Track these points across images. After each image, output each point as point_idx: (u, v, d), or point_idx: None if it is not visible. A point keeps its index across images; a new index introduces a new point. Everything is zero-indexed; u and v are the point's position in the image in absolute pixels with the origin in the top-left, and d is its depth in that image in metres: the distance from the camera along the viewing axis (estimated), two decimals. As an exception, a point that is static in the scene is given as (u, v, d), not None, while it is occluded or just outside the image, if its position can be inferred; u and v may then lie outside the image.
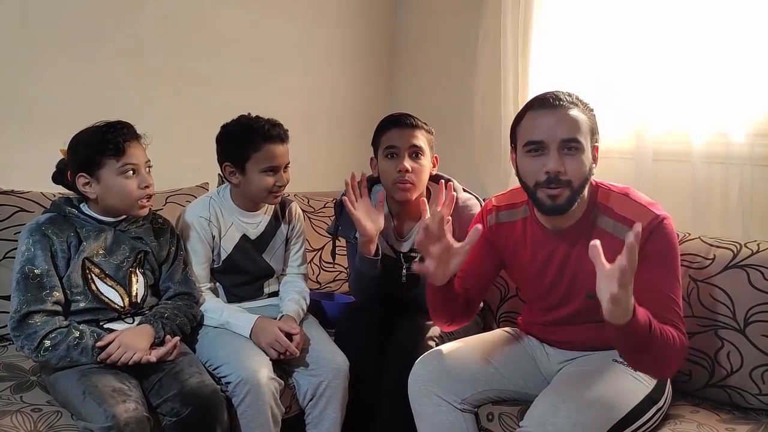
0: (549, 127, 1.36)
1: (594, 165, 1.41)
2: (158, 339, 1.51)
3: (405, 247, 1.83)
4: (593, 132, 1.40)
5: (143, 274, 1.59)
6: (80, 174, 1.50)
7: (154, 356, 1.44)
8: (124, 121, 1.54)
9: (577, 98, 1.41)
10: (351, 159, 2.38)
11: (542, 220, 1.48)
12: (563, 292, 1.49)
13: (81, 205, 1.54)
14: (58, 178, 1.56)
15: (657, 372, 1.39)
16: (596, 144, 1.42)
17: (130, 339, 1.44)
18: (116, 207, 1.53)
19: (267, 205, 1.83)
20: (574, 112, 1.37)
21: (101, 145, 1.48)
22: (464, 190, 1.86)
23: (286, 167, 1.75)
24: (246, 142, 1.70)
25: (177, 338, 1.51)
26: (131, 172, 1.50)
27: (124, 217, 1.57)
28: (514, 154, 1.47)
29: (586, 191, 1.41)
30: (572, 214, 1.42)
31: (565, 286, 1.48)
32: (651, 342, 1.24)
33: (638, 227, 1.11)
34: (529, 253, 1.52)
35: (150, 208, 1.60)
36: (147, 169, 1.55)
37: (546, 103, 1.38)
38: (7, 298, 1.68)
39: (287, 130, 1.75)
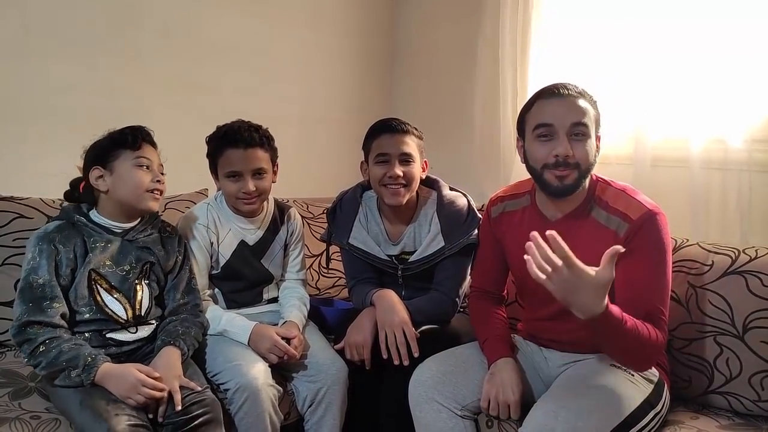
0: (558, 113, 1.43)
1: (597, 153, 1.48)
2: (185, 357, 1.52)
3: (396, 251, 1.84)
4: (597, 122, 1.48)
5: (148, 285, 1.58)
6: (95, 167, 1.51)
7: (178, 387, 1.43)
8: (144, 126, 1.57)
9: (584, 90, 1.48)
10: (350, 165, 2.38)
11: (542, 207, 1.54)
12: None
13: (90, 213, 1.54)
14: (71, 195, 1.57)
15: (632, 364, 1.42)
16: (599, 134, 1.49)
17: (165, 374, 1.42)
18: (126, 199, 1.52)
19: (264, 210, 1.83)
20: (581, 101, 1.45)
21: (119, 137, 1.52)
22: (450, 189, 1.87)
23: (258, 174, 1.70)
24: (214, 147, 1.71)
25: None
26: (145, 166, 1.52)
27: (132, 225, 1.56)
28: (521, 141, 1.54)
29: (587, 182, 1.48)
30: (571, 201, 1.48)
31: None
32: (622, 338, 1.29)
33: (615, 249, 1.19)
34: (525, 239, 1.54)
35: (160, 209, 1.62)
36: (160, 172, 1.58)
37: (555, 92, 1.46)
38: (7, 304, 1.69)
39: (262, 136, 1.70)
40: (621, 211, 1.44)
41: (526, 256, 1.20)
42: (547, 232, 1.18)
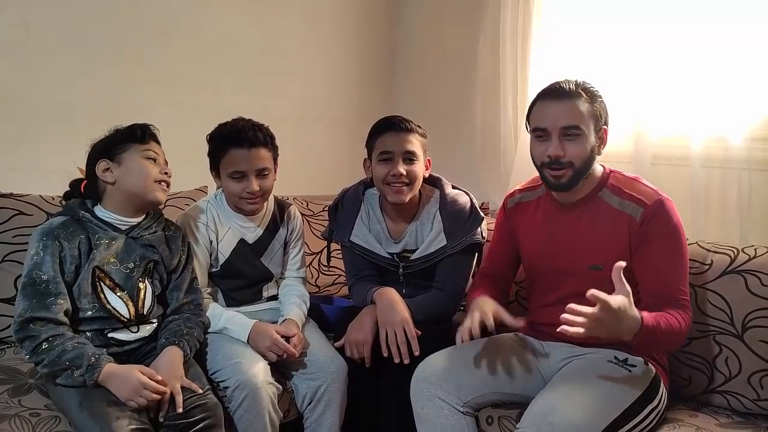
0: (552, 116, 1.50)
1: (602, 147, 1.53)
2: (187, 357, 1.51)
3: (398, 249, 1.84)
4: (598, 118, 1.51)
5: (151, 283, 1.57)
6: (102, 160, 1.51)
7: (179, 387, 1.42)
8: (151, 124, 1.58)
9: (584, 87, 1.52)
10: (350, 163, 2.39)
11: (555, 194, 1.59)
12: (567, 264, 1.55)
13: (95, 209, 1.53)
14: (71, 196, 1.57)
15: (668, 351, 1.55)
16: (604, 127, 1.54)
17: (167, 374, 1.41)
18: (135, 190, 1.51)
19: (265, 209, 1.82)
20: (577, 103, 1.49)
21: (127, 131, 1.54)
22: (453, 187, 1.88)
23: (261, 174, 1.70)
24: (216, 146, 1.71)
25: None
26: (153, 159, 1.53)
27: (137, 222, 1.55)
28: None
29: (596, 171, 1.55)
30: (579, 190, 1.54)
31: (569, 258, 1.55)
32: (661, 337, 1.37)
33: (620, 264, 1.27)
34: (538, 226, 1.64)
35: (167, 198, 1.61)
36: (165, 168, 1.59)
37: (553, 94, 1.52)
38: (6, 301, 1.69)
39: (266, 135, 1.70)
40: (635, 196, 1.49)
41: (563, 320, 1.25)
42: (588, 293, 1.24)
